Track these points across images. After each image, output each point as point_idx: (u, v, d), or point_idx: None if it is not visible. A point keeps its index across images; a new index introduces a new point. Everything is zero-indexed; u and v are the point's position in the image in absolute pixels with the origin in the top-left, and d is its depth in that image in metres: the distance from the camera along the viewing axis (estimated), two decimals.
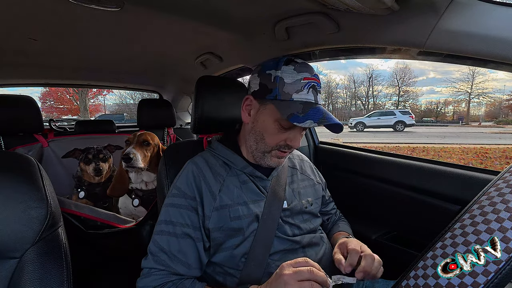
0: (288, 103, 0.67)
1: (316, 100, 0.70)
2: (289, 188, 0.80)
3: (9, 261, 0.56)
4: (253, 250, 0.68)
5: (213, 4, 0.86)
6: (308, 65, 0.73)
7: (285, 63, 0.70)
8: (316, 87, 0.70)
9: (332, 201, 0.97)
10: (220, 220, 0.69)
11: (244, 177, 0.75)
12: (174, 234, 0.67)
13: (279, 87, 0.68)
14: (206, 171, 0.74)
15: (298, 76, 0.68)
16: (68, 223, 1.27)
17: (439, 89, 37.32)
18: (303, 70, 0.70)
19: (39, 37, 1.12)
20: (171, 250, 0.66)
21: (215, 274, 0.70)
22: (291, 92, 0.68)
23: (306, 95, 0.68)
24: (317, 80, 0.71)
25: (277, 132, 0.71)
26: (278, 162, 0.75)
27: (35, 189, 0.59)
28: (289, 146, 0.72)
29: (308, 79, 0.69)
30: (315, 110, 0.66)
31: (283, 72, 0.69)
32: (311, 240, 0.76)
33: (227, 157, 0.77)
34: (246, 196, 0.73)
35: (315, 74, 0.71)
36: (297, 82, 0.68)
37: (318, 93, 0.71)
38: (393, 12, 0.70)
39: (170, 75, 1.94)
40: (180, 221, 0.68)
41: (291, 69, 0.69)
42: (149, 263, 0.66)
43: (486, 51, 0.59)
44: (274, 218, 0.72)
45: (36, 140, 1.66)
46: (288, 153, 0.75)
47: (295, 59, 0.72)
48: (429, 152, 7.58)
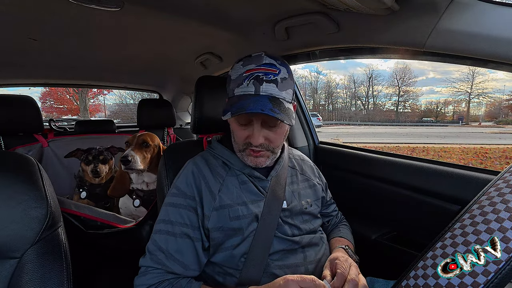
0: (231, 99, 0.68)
1: (258, 90, 0.65)
2: (288, 189, 0.80)
3: (9, 261, 0.56)
4: (252, 250, 0.68)
5: (213, 4, 0.86)
6: (261, 56, 0.68)
7: (238, 60, 0.71)
8: (262, 76, 0.65)
9: (333, 203, 0.97)
10: (220, 220, 0.69)
11: (244, 177, 0.75)
12: (172, 233, 0.67)
13: (228, 85, 0.71)
14: (206, 171, 0.74)
15: (242, 70, 0.67)
16: (68, 223, 1.27)
17: (438, 89, 37.37)
18: (250, 63, 0.67)
19: (39, 37, 1.12)
20: (168, 249, 0.66)
21: (215, 274, 0.70)
22: (233, 87, 0.68)
23: (246, 87, 0.66)
24: (265, 69, 0.66)
25: (238, 129, 0.71)
26: (255, 162, 0.72)
27: (35, 189, 0.59)
28: (251, 144, 0.69)
29: (251, 71, 0.66)
30: (245, 102, 0.64)
31: (232, 70, 0.70)
32: (310, 240, 0.76)
33: (227, 157, 0.77)
34: (245, 196, 0.73)
35: (263, 64, 0.66)
36: (240, 77, 0.67)
37: (266, 82, 0.65)
38: (393, 12, 0.70)
39: (170, 75, 1.95)
40: (179, 221, 0.68)
41: (240, 65, 0.69)
42: (146, 261, 0.66)
43: (486, 51, 0.59)
44: (274, 218, 0.72)
45: (36, 140, 1.66)
46: (266, 152, 0.72)
47: (251, 55, 0.70)
48: (429, 152, 7.58)
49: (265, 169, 0.78)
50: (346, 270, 0.62)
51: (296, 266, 0.70)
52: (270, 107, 0.63)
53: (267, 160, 0.73)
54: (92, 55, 1.44)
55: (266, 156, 0.73)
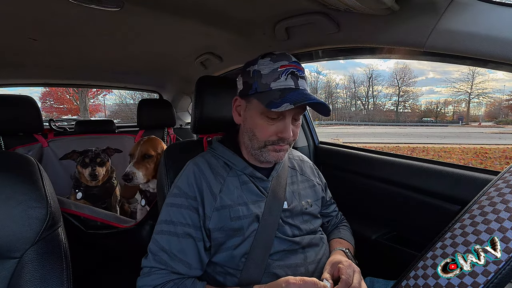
0: (267, 93, 0.67)
1: (297, 85, 0.68)
2: (289, 189, 0.80)
3: (9, 261, 0.56)
4: (253, 250, 0.68)
5: (213, 4, 0.86)
6: (287, 54, 0.72)
7: (262, 56, 0.71)
8: (296, 73, 0.69)
9: (333, 203, 0.96)
10: (221, 220, 0.69)
11: (245, 177, 0.75)
12: (174, 233, 0.67)
13: (257, 80, 0.69)
14: (207, 171, 0.74)
15: (274, 65, 0.68)
16: (68, 223, 1.27)
17: (438, 89, 37.38)
18: (280, 59, 0.69)
19: (39, 37, 1.12)
20: (171, 250, 0.66)
21: (216, 274, 0.70)
22: (269, 82, 0.68)
23: (285, 81, 0.68)
24: (296, 66, 0.69)
25: (265, 125, 0.70)
26: (277, 157, 0.73)
27: (35, 189, 0.59)
28: (282, 138, 0.70)
29: (285, 67, 0.68)
30: (293, 94, 0.66)
31: (260, 65, 0.70)
32: (311, 241, 0.76)
33: (228, 157, 0.77)
34: (246, 197, 0.73)
35: (293, 61, 0.70)
36: (274, 71, 0.68)
37: (300, 78, 0.69)
38: (393, 12, 0.70)
39: (170, 75, 1.95)
40: (181, 221, 0.68)
41: (268, 61, 0.70)
42: (150, 262, 0.66)
43: (486, 51, 0.59)
44: (274, 218, 0.72)
45: (36, 140, 1.65)
46: (287, 146, 0.73)
47: (273, 52, 0.72)
48: (429, 152, 7.58)
49: (266, 169, 0.78)
50: (350, 276, 0.62)
51: (296, 266, 0.70)
52: (315, 98, 0.67)
53: (284, 155, 0.75)
54: (92, 55, 1.44)
55: (286, 150, 0.74)
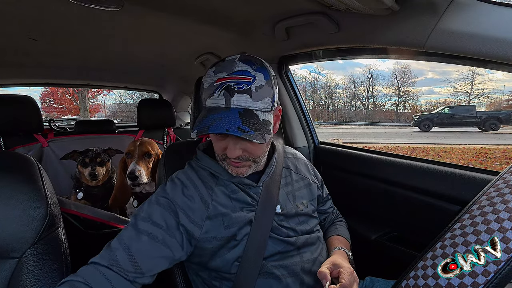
0: (203, 112, 0.64)
1: (228, 103, 0.59)
2: (282, 191, 0.77)
3: (9, 261, 0.56)
4: (246, 253, 0.67)
5: (213, 4, 0.86)
6: (235, 62, 0.62)
7: (212, 66, 0.65)
8: (233, 87, 0.59)
9: (329, 199, 0.95)
10: (213, 229, 0.67)
11: (233, 186, 0.72)
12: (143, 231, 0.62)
13: (201, 93, 0.65)
14: (197, 181, 0.72)
15: (213, 78, 0.62)
16: (68, 223, 1.27)
17: (437, 89, 37.35)
18: (221, 70, 0.61)
19: (39, 37, 1.13)
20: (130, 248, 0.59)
21: (211, 279, 0.70)
22: (205, 98, 0.63)
23: (217, 99, 0.60)
24: (236, 77, 0.60)
25: (215, 140, 0.68)
26: (236, 171, 0.69)
27: (35, 189, 0.59)
28: (228, 156, 0.66)
29: (221, 80, 0.60)
30: (213, 117, 0.59)
31: (205, 77, 0.64)
32: (306, 240, 0.75)
33: (213, 168, 0.73)
34: (237, 205, 0.71)
35: (236, 72, 0.60)
36: (211, 86, 0.61)
37: (237, 93, 0.59)
38: (393, 12, 0.70)
39: (170, 75, 1.95)
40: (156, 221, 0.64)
41: (212, 72, 0.63)
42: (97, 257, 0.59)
43: (486, 51, 0.59)
44: (267, 222, 0.70)
45: (36, 140, 1.65)
46: (247, 162, 0.68)
47: (225, 59, 0.64)
48: (429, 152, 7.58)
49: (255, 175, 0.75)
50: (351, 284, 0.62)
51: (292, 265, 0.70)
52: (239, 125, 0.57)
53: (249, 170, 0.70)
54: (92, 55, 1.44)
55: (248, 165, 0.69)
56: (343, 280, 0.61)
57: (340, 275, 0.64)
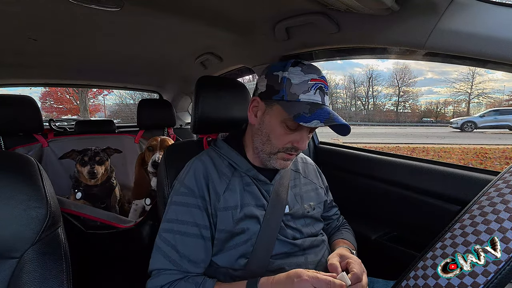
0: (295, 103, 0.67)
1: (323, 101, 0.69)
2: (291, 192, 0.80)
3: (9, 261, 0.56)
4: (255, 252, 0.69)
5: (213, 4, 0.86)
6: (315, 67, 0.72)
7: (293, 64, 0.70)
8: (324, 88, 0.70)
9: (335, 206, 0.96)
10: (223, 222, 0.69)
11: (248, 179, 0.75)
12: (184, 233, 0.67)
13: (286, 87, 0.68)
14: (212, 170, 0.74)
15: (305, 77, 0.68)
16: (68, 223, 1.27)
17: (437, 89, 37.34)
18: (311, 72, 0.69)
19: (39, 37, 1.12)
20: (181, 249, 0.66)
21: (217, 274, 0.71)
22: (298, 92, 0.67)
23: (313, 96, 0.68)
24: (324, 82, 0.70)
25: (283, 133, 0.70)
26: (284, 165, 0.74)
27: (35, 189, 0.59)
28: (296, 148, 0.71)
29: (315, 81, 0.68)
30: (321, 111, 0.66)
31: (290, 73, 0.69)
32: (311, 243, 0.76)
33: (233, 158, 0.77)
34: (248, 199, 0.73)
35: (322, 76, 0.70)
36: (304, 83, 0.67)
37: (326, 94, 0.70)
38: (393, 12, 0.70)
39: (170, 75, 1.94)
40: (190, 220, 0.68)
41: (298, 70, 0.69)
42: (157, 263, 0.66)
43: (486, 51, 0.59)
44: (276, 221, 0.72)
45: (36, 140, 1.65)
46: (295, 155, 0.74)
47: (302, 61, 0.72)
48: (429, 153, 7.58)
49: (269, 172, 0.78)
50: (361, 274, 0.63)
51: (297, 265, 0.70)
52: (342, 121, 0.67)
53: (291, 163, 0.76)
54: (92, 55, 1.44)
55: (293, 159, 0.76)
56: (354, 269, 0.62)
57: (350, 265, 0.65)
